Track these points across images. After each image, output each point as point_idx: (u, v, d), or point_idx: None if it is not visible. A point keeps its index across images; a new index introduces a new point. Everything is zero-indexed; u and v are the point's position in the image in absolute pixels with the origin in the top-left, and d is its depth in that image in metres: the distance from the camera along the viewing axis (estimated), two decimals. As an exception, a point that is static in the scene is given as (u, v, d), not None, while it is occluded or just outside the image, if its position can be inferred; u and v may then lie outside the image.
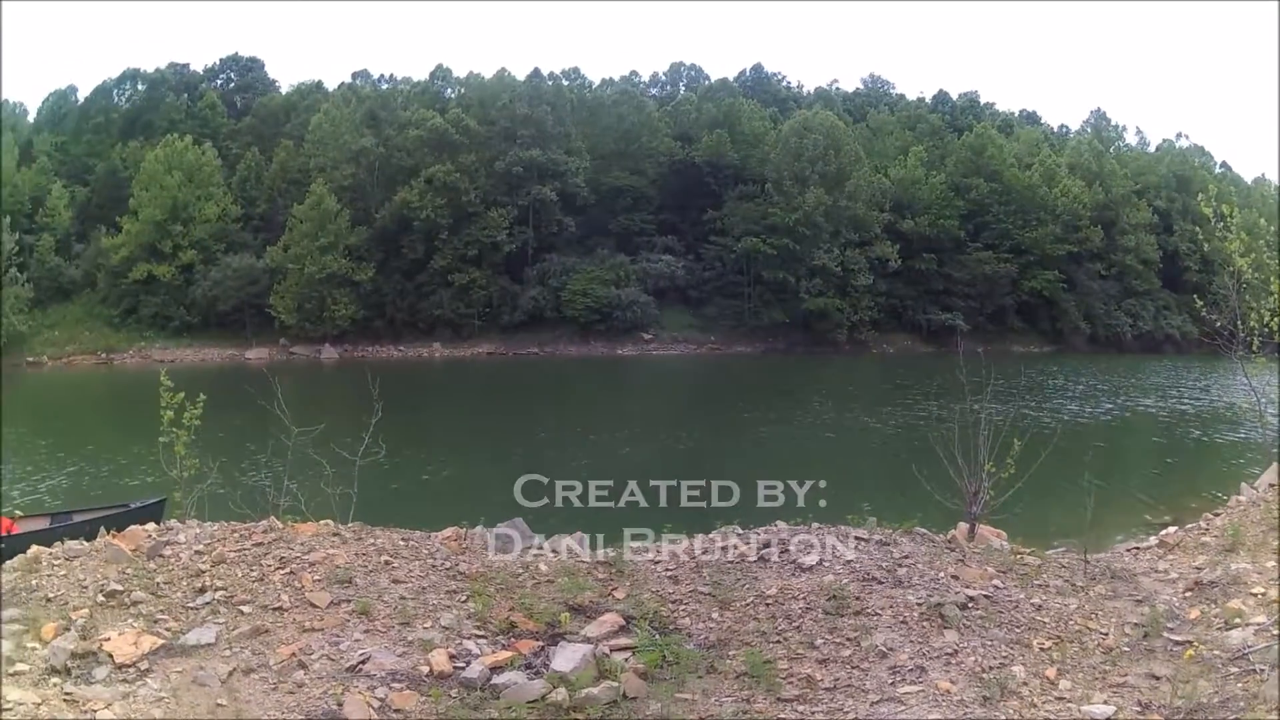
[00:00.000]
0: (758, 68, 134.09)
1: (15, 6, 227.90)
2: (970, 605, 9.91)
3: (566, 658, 8.97)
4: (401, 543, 12.63)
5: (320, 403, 41.43)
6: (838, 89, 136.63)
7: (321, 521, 13.81)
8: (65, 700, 9.09)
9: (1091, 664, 9.12)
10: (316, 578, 11.48)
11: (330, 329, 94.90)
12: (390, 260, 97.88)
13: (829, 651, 8.99)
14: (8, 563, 13.97)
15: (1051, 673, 8.82)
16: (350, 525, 13.69)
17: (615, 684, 8.50)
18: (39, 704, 8.94)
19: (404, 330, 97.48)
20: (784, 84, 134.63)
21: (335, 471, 15.75)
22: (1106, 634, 9.74)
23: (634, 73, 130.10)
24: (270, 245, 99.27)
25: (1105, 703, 8.28)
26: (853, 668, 8.73)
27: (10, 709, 8.81)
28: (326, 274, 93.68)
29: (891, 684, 8.51)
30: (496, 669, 9.13)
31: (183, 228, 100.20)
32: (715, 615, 10.09)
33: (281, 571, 11.75)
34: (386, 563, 11.90)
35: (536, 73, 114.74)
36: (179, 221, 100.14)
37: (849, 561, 10.83)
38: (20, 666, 9.89)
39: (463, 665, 9.28)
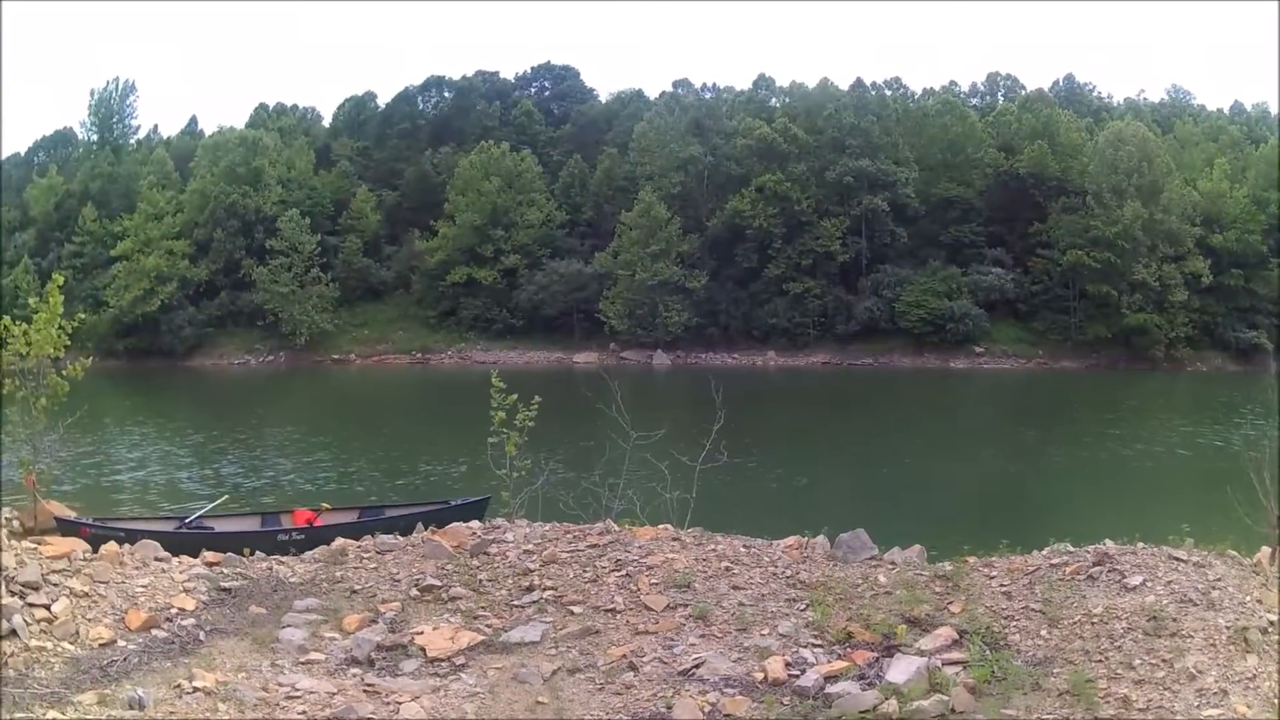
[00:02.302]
0: (1069, 78, 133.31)
1: (305, 15, 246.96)
2: (1269, 630, 9.85)
3: (901, 670, 9.29)
4: (743, 549, 13.12)
5: (655, 408, 42.70)
6: (1145, 99, 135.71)
7: (660, 526, 14.46)
8: (365, 691, 9.80)
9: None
10: (654, 581, 12.09)
11: (662, 335, 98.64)
12: (723, 268, 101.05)
13: (1145, 673, 9.12)
14: (310, 552, 15.19)
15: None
16: (690, 530, 14.20)
17: (945, 698, 8.78)
18: (333, 694, 9.65)
19: (738, 338, 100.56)
20: (1095, 94, 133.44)
21: (674, 476, 16.48)
22: None
23: (953, 82, 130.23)
24: (599, 251, 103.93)
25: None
26: (1164, 689, 8.85)
27: (300, 697, 9.53)
28: (658, 280, 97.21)
29: (1197, 706, 8.65)
30: (831, 678, 9.48)
31: (504, 232, 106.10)
32: (1044, 632, 10.29)
33: (617, 574, 12.42)
34: (727, 569, 12.40)
35: (859, 82, 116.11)
36: (499, 226, 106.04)
37: (1169, 582, 10.89)
38: (314, 656, 10.73)
39: (797, 673, 9.65)
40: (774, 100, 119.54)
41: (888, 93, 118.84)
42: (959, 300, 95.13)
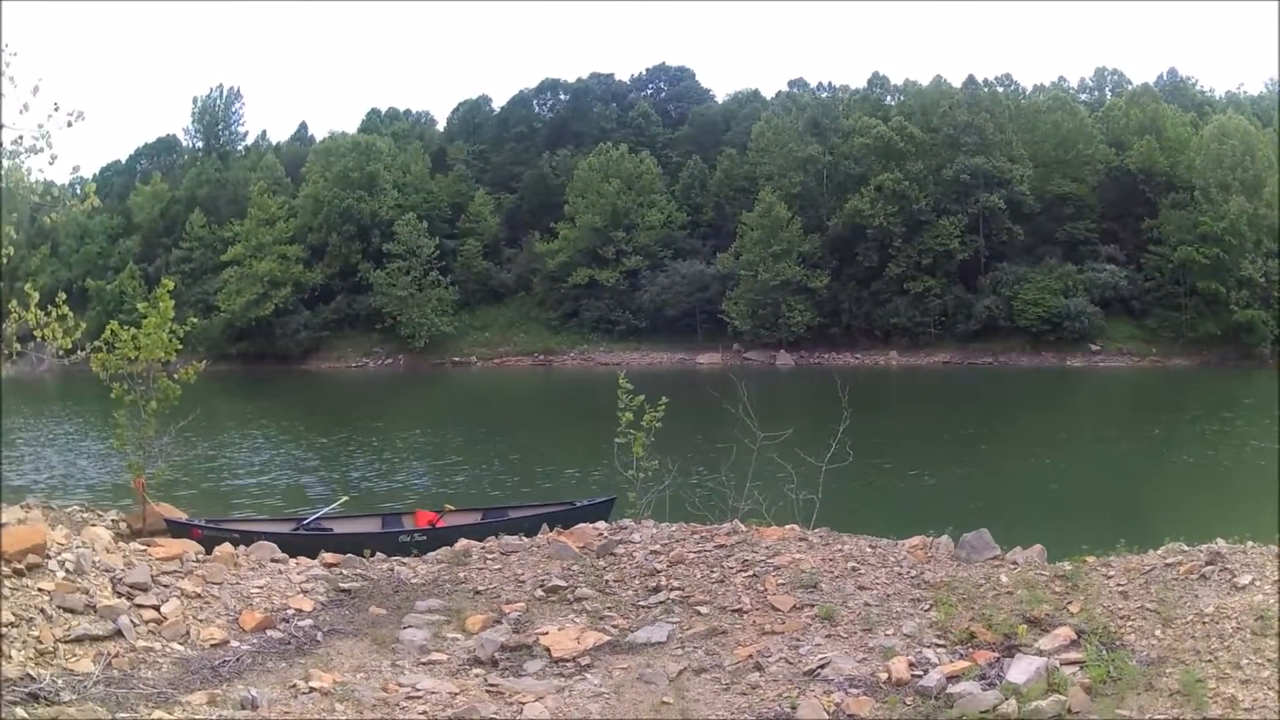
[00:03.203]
0: (1172, 72, 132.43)
1: (412, 19, 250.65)
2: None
3: (1021, 670, 9.30)
4: (869, 549, 13.18)
5: (779, 408, 42.97)
6: (1244, 93, 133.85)
7: (787, 526, 14.53)
8: (488, 691, 9.93)
9: None
10: (781, 581, 12.15)
11: (785, 335, 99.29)
12: (845, 267, 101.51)
13: (1251, 672, 9.06)
14: (433, 553, 15.30)
15: None
16: (817, 530, 14.30)
17: (1063, 698, 8.78)
18: (455, 694, 9.76)
19: (860, 337, 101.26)
20: (1197, 88, 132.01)
21: (800, 476, 16.60)
22: None
23: (1062, 78, 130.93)
24: (720, 252, 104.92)
25: None
26: (1269, 689, 8.77)
27: (421, 697, 9.64)
28: (780, 281, 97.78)
29: (1300, 707, 8.67)
30: (953, 678, 9.53)
31: (625, 234, 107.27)
32: (1158, 632, 10.23)
33: (744, 574, 12.50)
34: (853, 569, 12.47)
35: (971, 79, 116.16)
36: (620, 228, 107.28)
37: (1276, 581, 10.76)
38: (436, 656, 10.88)
39: (920, 673, 9.70)
40: (889, 99, 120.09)
41: (999, 89, 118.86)
42: (1075, 298, 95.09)
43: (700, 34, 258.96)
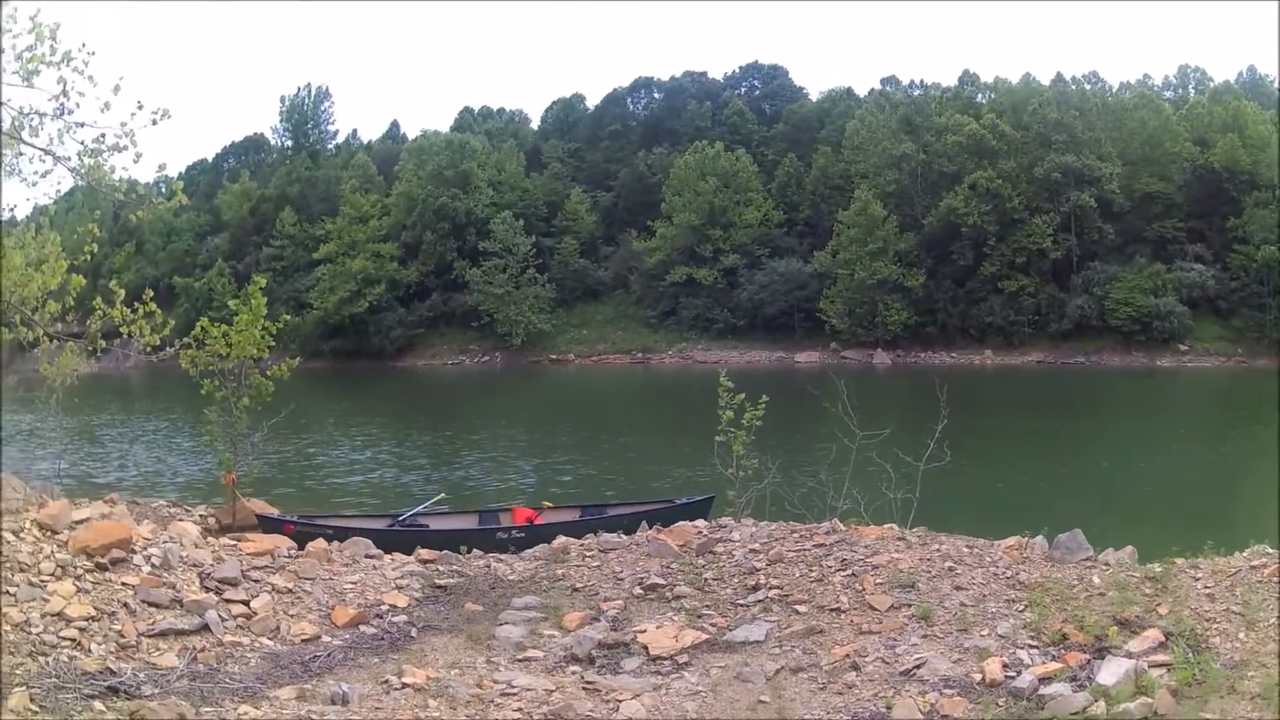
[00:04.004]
0: (1251, 69, 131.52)
1: (503, 18, 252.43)
2: None
3: (1110, 671, 9.35)
4: (966, 549, 13.19)
5: (877, 407, 42.88)
6: None
7: (885, 525, 14.57)
8: (584, 688, 10.02)
9: None
10: (879, 581, 12.19)
11: (882, 334, 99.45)
12: (940, 266, 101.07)
13: None
14: (530, 550, 15.33)
15: None
16: (915, 530, 14.37)
17: (1150, 700, 8.81)
18: (551, 691, 9.85)
19: (955, 336, 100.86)
20: (1274, 84, 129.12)
21: (897, 475, 16.65)
22: None
23: (1146, 75, 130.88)
24: (817, 250, 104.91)
25: None
26: None
27: (516, 694, 9.72)
28: (877, 280, 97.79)
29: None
30: (1045, 679, 9.55)
31: (722, 232, 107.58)
32: (1242, 635, 10.23)
33: (842, 573, 12.54)
34: (950, 569, 12.49)
35: (1060, 77, 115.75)
36: (717, 226, 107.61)
37: None
38: (533, 653, 10.98)
39: (1014, 674, 9.73)
40: (979, 96, 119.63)
41: (1087, 87, 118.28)
42: (1164, 298, 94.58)
43: (792, 32, 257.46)
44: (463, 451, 42.18)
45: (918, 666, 10.06)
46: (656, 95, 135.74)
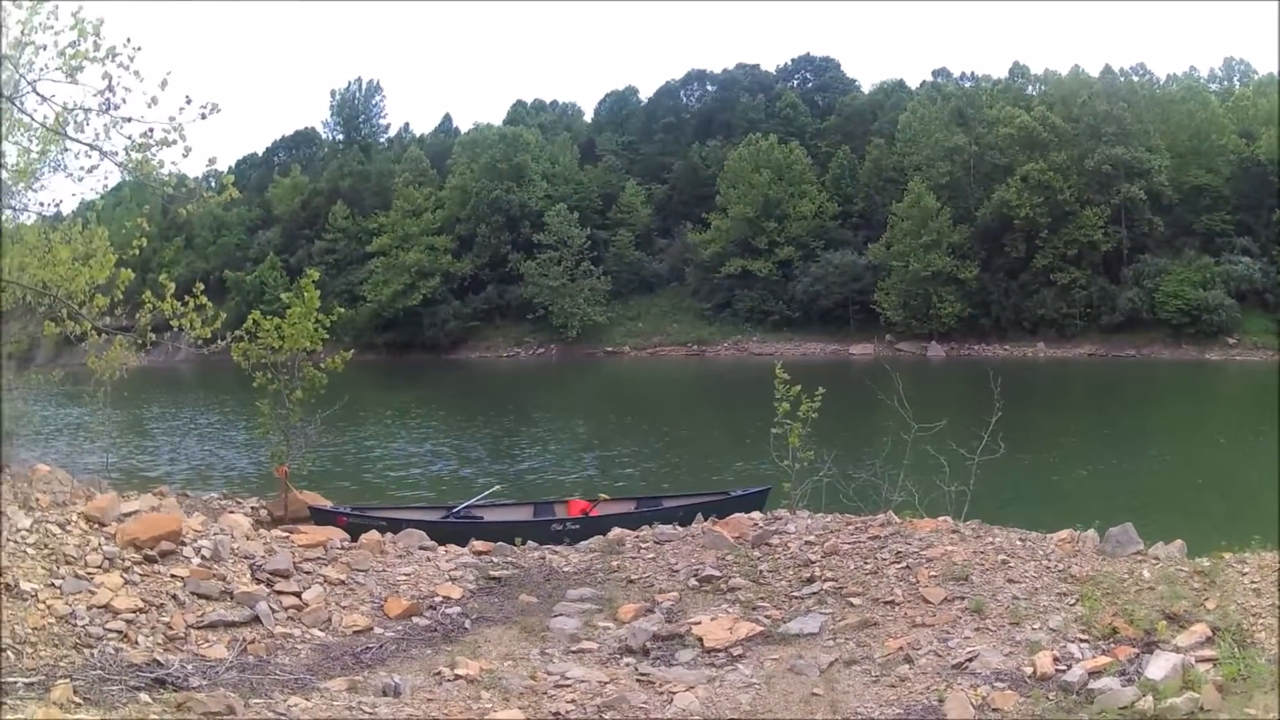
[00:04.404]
0: None
1: (553, 12, 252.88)
2: None
3: (1159, 666, 9.32)
4: (1019, 542, 13.14)
5: (931, 399, 42.88)
6: None
7: (940, 518, 14.58)
8: (639, 680, 10.02)
9: None
10: (933, 573, 12.18)
11: (936, 326, 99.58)
12: (993, 258, 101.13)
13: None
14: (585, 542, 15.32)
15: None
16: (969, 523, 14.35)
17: (1196, 695, 8.78)
18: (605, 683, 9.85)
19: (1009, 329, 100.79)
20: None
21: (951, 468, 16.62)
22: None
23: (1193, 68, 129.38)
24: (871, 242, 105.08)
25: None
26: None
27: (570, 685, 9.73)
28: (931, 272, 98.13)
29: None
30: (1094, 673, 9.54)
31: (777, 224, 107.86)
32: None
33: (897, 566, 12.54)
34: (1003, 562, 12.44)
35: (1108, 69, 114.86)
36: (772, 218, 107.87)
37: None
38: (587, 645, 11.02)
39: (1064, 668, 9.71)
40: (1029, 88, 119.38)
41: (1135, 79, 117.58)
42: (1213, 290, 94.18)
43: (842, 24, 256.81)
44: (519, 444, 42.38)
45: (970, 659, 10.07)
46: (709, 88, 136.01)
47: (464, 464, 36.76)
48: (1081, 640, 10.37)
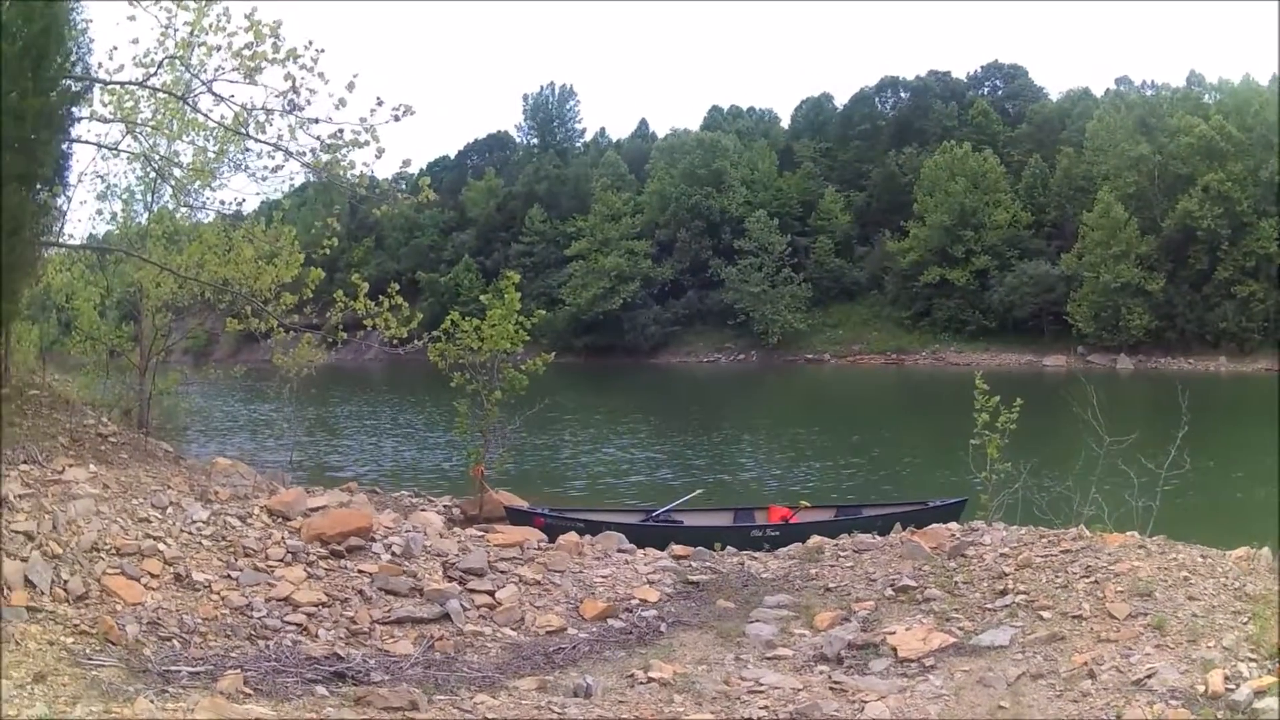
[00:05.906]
0: None
1: (747, 17, 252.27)
2: None
3: None
4: (1200, 559, 12.91)
5: (1120, 412, 42.17)
6: None
7: (1127, 533, 14.36)
8: (831, 688, 10.03)
9: None
10: (1119, 589, 12.04)
11: (1125, 338, 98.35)
12: (1179, 270, 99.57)
13: None
14: (785, 549, 15.29)
15: None
16: (1155, 538, 14.09)
17: None
18: (798, 690, 9.90)
19: (1192, 342, 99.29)
20: None
21: (1141, 482, 16.43)
22: None
23: None
24: (1064, 252, 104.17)
25: None
26: None
27: (764, 692, 9.78)
28: (1120, 283, 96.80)
29: None
30: (1259, 693, 9.41)
31: (973, 233, 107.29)
32: None
33: (1086, 580, 12.43)
34: (1185, 578, 12.24)
35: (1276, 78, 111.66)
36: (968, 227, 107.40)
37: None
38: (782, 651, 11.04)
39: (1232, 687, 9.59)
40: (1206, 97, 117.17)
41: None
42: None
43: (1027, 31, 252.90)
44: (721, 448, 42.50)
45: (1149, 676, 9.98)
46: (903, 95, 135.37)
47: (664, 468, 36.98)
48: (1251, 660, 10.22)
